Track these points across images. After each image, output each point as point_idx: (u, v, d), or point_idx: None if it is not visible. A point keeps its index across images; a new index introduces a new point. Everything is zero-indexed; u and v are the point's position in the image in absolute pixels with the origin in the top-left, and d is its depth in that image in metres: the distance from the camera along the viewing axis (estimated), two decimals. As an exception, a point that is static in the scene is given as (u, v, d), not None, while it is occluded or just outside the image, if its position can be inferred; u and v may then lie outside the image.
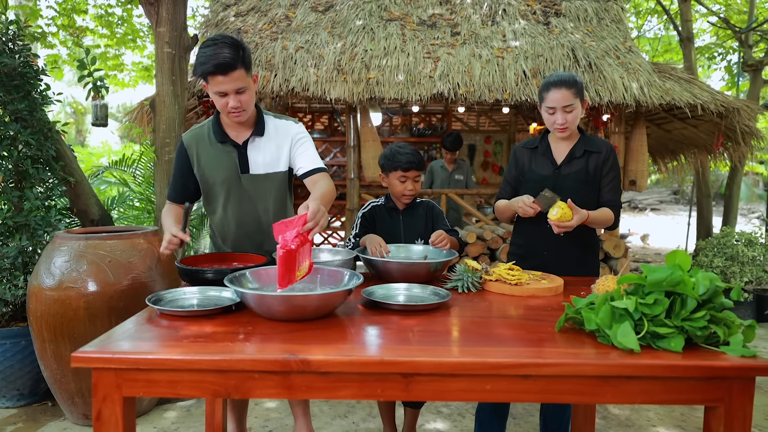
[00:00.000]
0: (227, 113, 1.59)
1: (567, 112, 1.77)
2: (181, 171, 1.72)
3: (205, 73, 1.50)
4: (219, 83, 1.51)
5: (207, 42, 1.52)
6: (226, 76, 1.50)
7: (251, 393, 1.02)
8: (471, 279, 1.54)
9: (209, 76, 1.50)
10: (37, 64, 2.64)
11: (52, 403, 2.55)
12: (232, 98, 1.54)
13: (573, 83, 1.76)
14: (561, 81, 1.76)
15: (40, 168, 2.65)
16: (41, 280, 2.18)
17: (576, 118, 1.80)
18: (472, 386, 1.03)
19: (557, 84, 1.76)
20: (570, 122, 1.79)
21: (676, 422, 2.48)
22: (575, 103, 1.77)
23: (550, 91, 1.77)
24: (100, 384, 0.99)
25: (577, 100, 1.78)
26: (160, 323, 1.18)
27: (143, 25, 7.03)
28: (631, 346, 1.06)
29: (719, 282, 1.13)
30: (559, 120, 1.78)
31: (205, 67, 1.49)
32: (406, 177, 1.92)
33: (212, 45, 1.50)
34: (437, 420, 2.46)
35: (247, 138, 1.68)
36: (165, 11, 2.82)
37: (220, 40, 1.51)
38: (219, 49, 1.48)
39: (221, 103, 1.56)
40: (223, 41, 1.50)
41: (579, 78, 1.82)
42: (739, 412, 1.05)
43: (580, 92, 1.79)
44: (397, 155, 1.92)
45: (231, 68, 1.49)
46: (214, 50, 1.48)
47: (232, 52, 1.49)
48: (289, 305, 1.18)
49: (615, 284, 1.43)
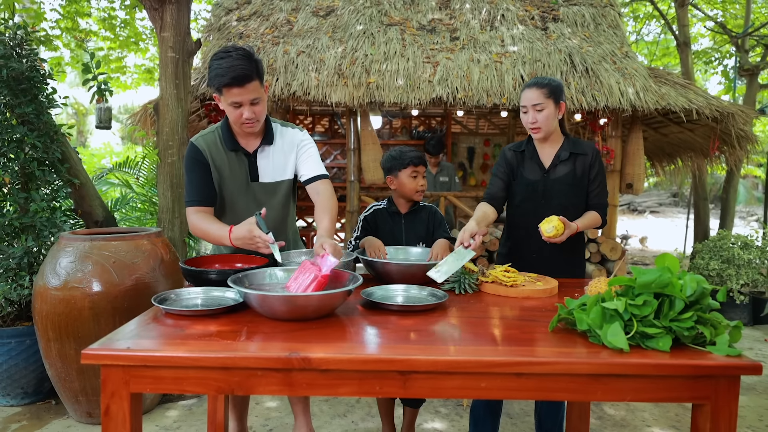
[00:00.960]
0: (241, 124, 1.59)
1: (537, 110, 1.83)
2: (202, 174, 1.67)
3: (222, 85, 1.50)
4: (235, 95, 1.52)
5: (220, 54, 1.52)
6: (243, 88, 1.51)
7: (254, 390, 1.06)
8: (468, 280, 1.58)
9: (225, 87, 1.51)
10: (44, 68, 2.69)
11: (56, 402, 2.59)
12: (247, 109, 1.55)
13: (545, 84, 1.83)
14: (534, 82, 1.85)
15: (46, 170, 2.69)
16: (47, 280, 2.21)
17: (546, 119, 1.84)
18: (468, 384, 1.07)
19: (530, 84, 1.86)
20: (541, 122, 1.84)
21: (671, 422, 2.51)
22: (545, 103, 1.82)
23: (524, 91, 1.87)
24: (108, 380, 1.03)
25: (549, 100, 1.82)
26: (166, 322, 1.22)
27: (146, 28, 7.09)
28: (620, 346, 1.10)
29: (706, 284, 1.17)
30: (530, 119, 1.85)
31: (222, 80, 1.49)
32: (417, 172, 1.98)
33: (227, 57, 1.49)
34: (435, 419, 2.50)
35: (257, 147, 1.70)
36: (169, 16, 2.86)
37: (234, 51, 1.51)
38: (235, 61, 1.49)
39: (235, 114, 1.57)
40: (238, 53, 1.50)
41: (558, 81, 1.87)
42: (725, 410, 1.09)
43: (553, 93, 1.83)
44: (405, 154, 1.99)
45: (248, 80, 1.51)
46: (230, 62, 1.48)
47: (248, 63, 1.50)
48: (290, 305, 1.22)
49: (606, 286, 1.48)
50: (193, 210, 1.66)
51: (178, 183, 3.04)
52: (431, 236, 2.01)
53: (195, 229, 1.65)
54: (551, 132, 1.89)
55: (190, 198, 1.67)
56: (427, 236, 2.02)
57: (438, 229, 2.04)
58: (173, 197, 3.03)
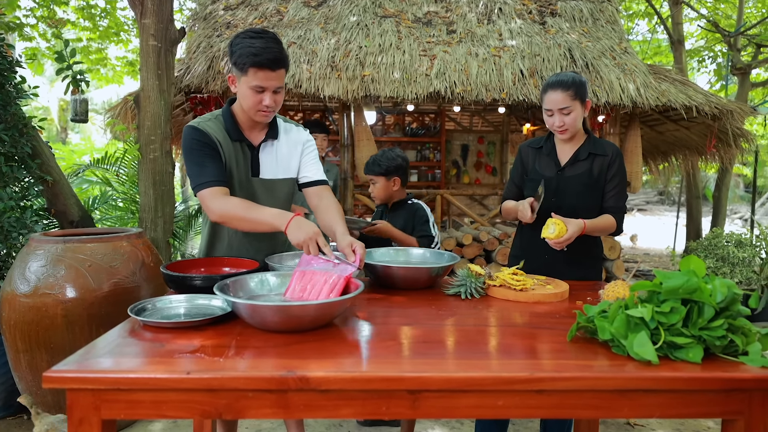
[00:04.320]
0: (256, 111, 1.48)
1: (564, 114, 1.73)
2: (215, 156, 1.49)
3: (255, 64, 1.39)
4: (262, 78, 1.41)
5: (250, 33, 1.42)
6: (274, 72, 1.42)
7: (244, 413, 0.94)
8: (474, 284, 1.48)
9: (256, 68, 1.40)
10: (11, 55, 2.50)
11: (27, 417, 2.42)
12: (269, 96, 1.45)
13: (570, 84, 1.71)
14: (558, 82, 1.73)
15: (14, 166, 2.50)
16: (15, 286, 2.05)
17: (575, 120, 1.75)
18: (484, 402, 0.97)
19: (554, 85, 1.73)
20: (568, 124, 1.74)
21: (675, 425, 2.46)
22: (572, 105, 1.72)
23: (548, 92, 1.75)
24: (75, 406, 0.90)
25: (576, 101, 1.72)
26: (144, 336, 1.09)
27: (128, 18, 6.83)
28: (648, 357, 1.01)
29: (737, 289, 1.09)
30: (557, 122, 1.75)
31: (255, 59, 1.38)
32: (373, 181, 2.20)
33: (259, 38, 1.41)
34: (435, 427, 2.40)
35: (261, 140, 1.60)
36: (150, 2, 2.70)
37: (266, 34, 1.43)
38: (270, 43, 1.41)
39: (254, 99, 1.45)
40: (270, 36, 1.44)
41: (580, 78, 1.76)
42: (759, 425, 1.01)
43: (579, 93, 1.73)
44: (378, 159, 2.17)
45: (280, 65, 1.43)
46: (264, 43, 1.40)
47: (282, 49, 1.44)
48: (284, 315, 1.09)
49: (625, 290, 1.39)
50: (215, 191, 1.43)
51: (161, 180, 2.88)
52: (410, 230, 2.14)
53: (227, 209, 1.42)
54: (577, 131, 1.80)
55: (206, 179, 1.44)
56: (405, 231, 2.13)
57: (418, 224, 2.14)
58: (156, 195, 2.87)
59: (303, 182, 1.67)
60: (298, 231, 1.32)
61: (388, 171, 2.12)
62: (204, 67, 3.90)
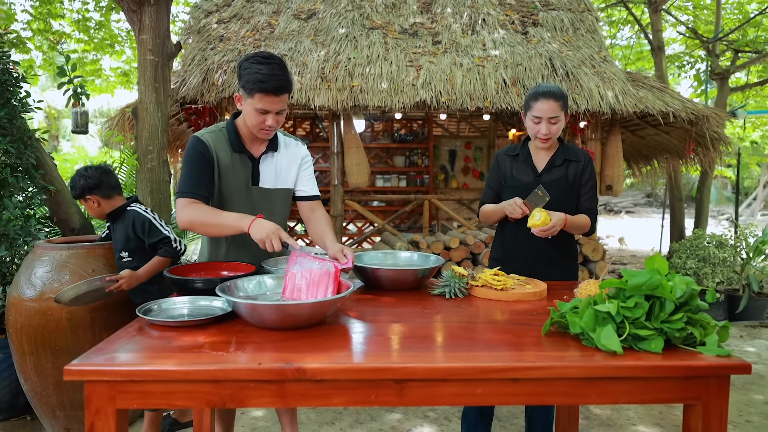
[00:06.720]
0: (259, 129, 1.60)
1: (552, 123, 1.81)
2: (205, 169, 1.61)
3: (261, 90, 1.50)
4: (267, 103, 1.53)
5: (258, 58, 1.52)
6: (278, 98, 1.54)
7: (246, 402, 1.03)
8: (458, 285, 1.58)
9: (262, 94, 1.51)
10: (17, 71, 2.58)
11: (31, 417, 2.48)
12: (271, 117, 1.57)
13: (560, 96, 1.81)
14: (550, 93, 1.80)
15: (19, 176, 2.58)
16: (21, 291, 2.12)
17: (559, 130, 1.85)
18: (464, 390, 1.06)
19: (546, 95, 1.79)
20: (553, 134, 1.84)
21: (655, 420, 2.56)
22: (560, 115, 1.82)
23: (539, 100, 1.80)
24: (93, 397, 0.98)
25: (562, 112, 1.83)
26: (152, 334, 1.18)
27: (121, 30, 6.91)
28: (614, 348, 1.10)
29: (695, 285, 1.19)
30: (543, 130, 1.82)
31: (262, 86, 1.50)
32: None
33: (267, 64, 1.51)
34: (424, 424, 2.48)
35: (262, 152, 1.72)
36: (148, 18, 2.79)
37: (273, 60, 1.53)
38: (276, 70, 1.51)
39: (257, 119, 1.57)
40: (276, 62, 1.53)
41: (565, 91, 1.88)
42: (716, 409, 1.10)
43: (565, 105, 1.84)
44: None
45: (284, 91, 1.54)
46: (271, 70, 1.50)
47: (286, 74, 1.54)
48: (281, 314, 1.19)
49: (597, 288, 1.49)
50: (188, 201, 1.57)
51: (158, 189, 2.96)
52: (141, 245, 2.03)
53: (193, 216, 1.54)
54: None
55: (186, 189, 1.58)
56: (129, 244, 2.04)
57: (147, 238, 2.01)
58: (153, 203, 2.95)
59: (299, 195, 1.80)
60: (259, 229, 1.44)
61: (82, 194, 2.02)
62: (199, 80, 4.00)
